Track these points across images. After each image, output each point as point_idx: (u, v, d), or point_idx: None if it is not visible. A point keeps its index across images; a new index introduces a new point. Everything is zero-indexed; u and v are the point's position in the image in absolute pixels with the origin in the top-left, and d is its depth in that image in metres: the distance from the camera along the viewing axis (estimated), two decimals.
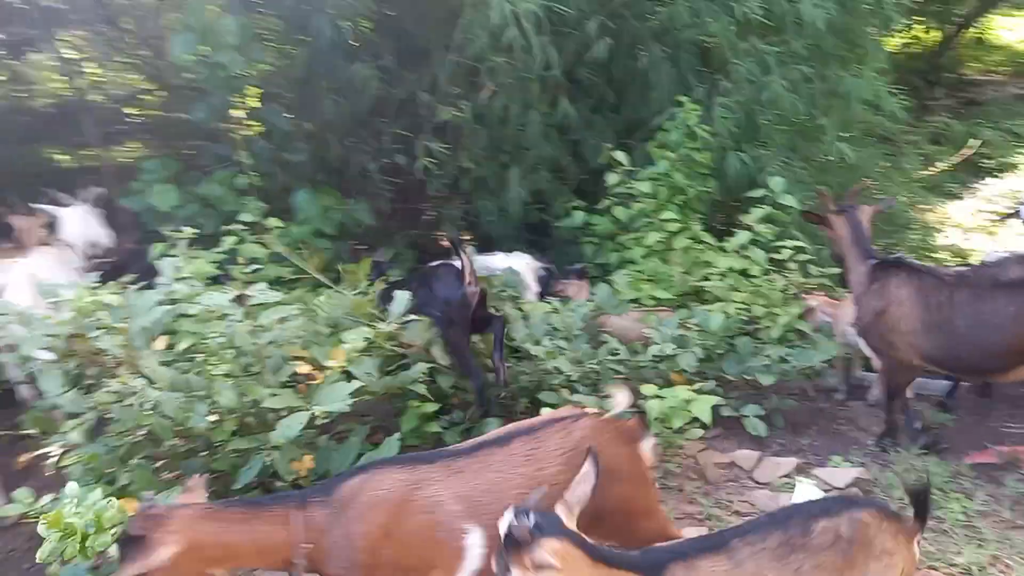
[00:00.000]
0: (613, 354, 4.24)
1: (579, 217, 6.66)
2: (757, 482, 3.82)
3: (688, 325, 4.52)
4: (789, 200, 5.55)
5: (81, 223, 5.67)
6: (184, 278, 3.90)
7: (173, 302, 3.71)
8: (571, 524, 1.97)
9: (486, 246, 7.91)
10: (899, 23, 7.26)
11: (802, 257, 5.30)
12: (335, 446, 3.77)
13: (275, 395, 3.26)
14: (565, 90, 7.19)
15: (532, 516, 1.91)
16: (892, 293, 3.85)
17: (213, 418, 3.33)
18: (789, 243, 5.31)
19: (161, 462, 3.24)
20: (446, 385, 4.05)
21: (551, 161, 7.44)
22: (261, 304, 3.51)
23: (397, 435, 3.73)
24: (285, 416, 3.24)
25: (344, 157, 7.46)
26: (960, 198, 10.75)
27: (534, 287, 5.48)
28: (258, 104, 7.16)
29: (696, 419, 3.74)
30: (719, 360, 4.51)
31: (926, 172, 9.03)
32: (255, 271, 4.45)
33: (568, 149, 7.61)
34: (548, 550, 1.86)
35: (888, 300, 3.86)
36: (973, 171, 10.57)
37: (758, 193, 5.69)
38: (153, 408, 3.04)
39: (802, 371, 4.50)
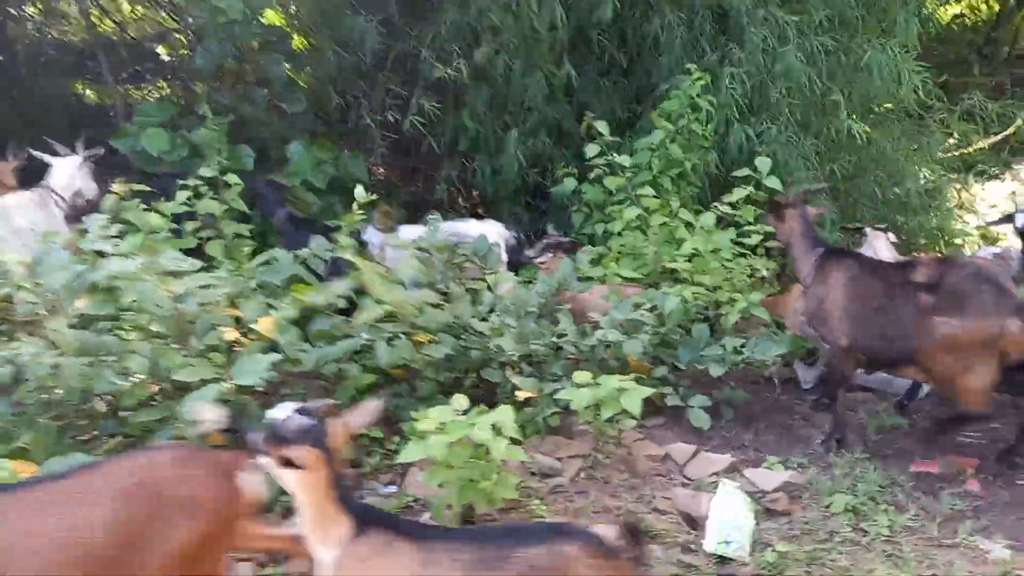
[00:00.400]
0: (561, 335, 4.15)
1: (570, 184, 6.49)
2: (687, 478, 3.72)
3: (644, 308, 4.39)
4: (774, 182, 5.31)
5: (69, 174, 5.78)
6: (110, 236, 3.88)
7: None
8: (335, 444, 2.11)
9: (482, 207, 7.86)
10: None
11: (773, 243, 5.11)
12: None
13: (190, 366, 3.25)
14: (572, 51, 6.98)
15: (306, 420, 2.08)
16: (832, 280, 3.99)
17: (134, 380, 3.36)
18: (758, 227, 5.13)
19: (78, 424, 3.29)
20: (391, 358, 3.98)
21: (554, 124, 7.25)
22: (178, 272, 3.47)
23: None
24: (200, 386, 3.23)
25: (344, 110, 7.41)
26: (1000, 179, 10.25)
27: (504, 256, 5.39)
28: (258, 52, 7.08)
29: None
30: (675, 345, 4.39)
31: (956, 153, 8.54)
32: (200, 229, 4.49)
33: (573, 113, 7.42)
34: (303, 454, 2.01)
35: (829, 287, 4.00)
36: (1020, 151, 10.02)
37: (742, 173, 5.45)
38: (55, 371, 3.06)
39: (760, 363, 4.34)
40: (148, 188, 4.68)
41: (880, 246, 4.98)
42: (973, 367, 3.51)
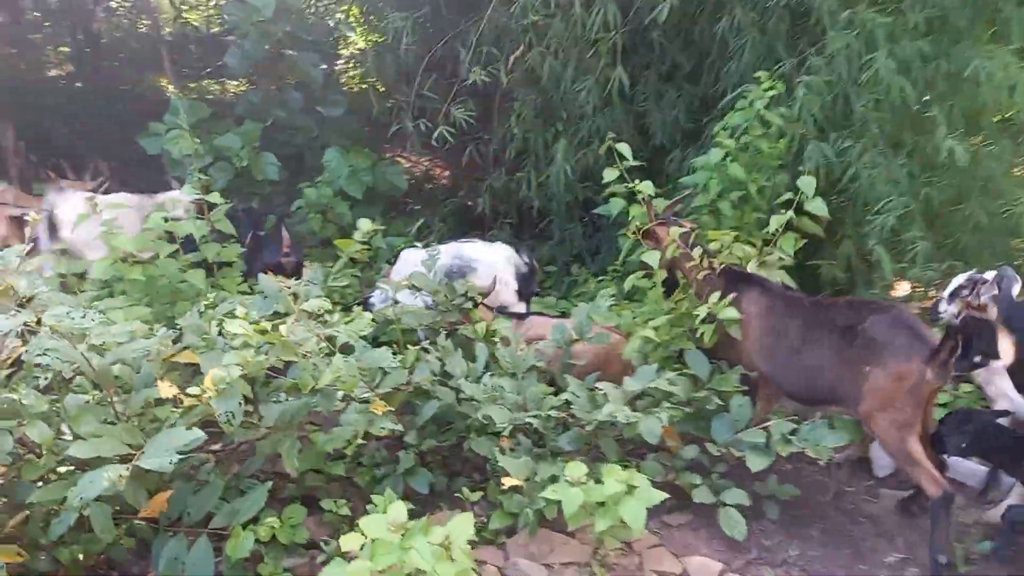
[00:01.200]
0: (563, 406, 3.27)
1: (616, 204, 5.52)
2: None
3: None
4: (819, 207, 4.24)
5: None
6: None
7: None
8: None
9: (526, 223, 7.01)
10: None
11: None
12: (216, 481, 3.11)
13: (96, 437, 2.57)
14: (631, 54, 6.04)
15: None
16: (743, 307, 3.69)
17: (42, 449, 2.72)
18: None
19: None
20: (356, 421, 3.19)
21: (608, 134, 6.32)
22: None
23: (268, 483, 3.02)
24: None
25: (387, 114, 6.69)
26: None
27: (512, 283, 4.54)
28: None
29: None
30: (711, 418, 3.43)
31: None
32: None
33: (632, 122, 6.47)
34: None
35: (750, 321, 3.67)
36: None
37: (783, 198, 4.39)
38: None
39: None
40: None
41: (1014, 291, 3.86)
42: (899, 415, 3.18)
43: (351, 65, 7.03)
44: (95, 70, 10.51)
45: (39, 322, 2.50)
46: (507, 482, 2.98)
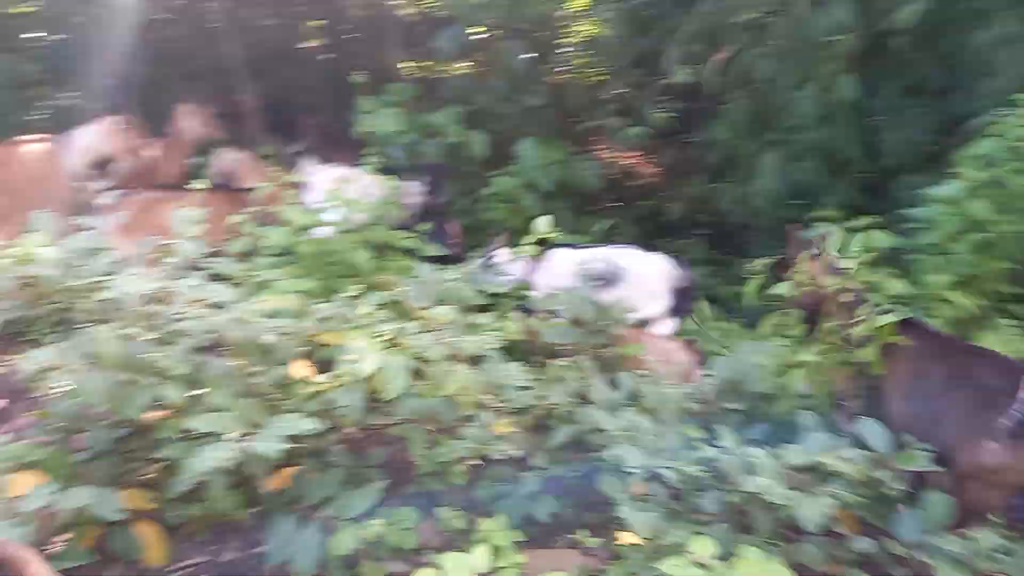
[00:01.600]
0: (710, 461, 2.80)
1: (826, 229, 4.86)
2: None
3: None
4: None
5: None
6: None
7: None
8: None
9: (723, 236, 6.42)
10: None
11: None
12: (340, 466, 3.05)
13: (217, 411, 2.56)
14: (868, 62, 5.29)
15: None
16: (900, 351, 3.09)
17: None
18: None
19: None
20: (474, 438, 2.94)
21: (830, 149, 5.61)
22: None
23: (380, 483, 2.89)
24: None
25: (587, 108, 6.40)
26: None
27: (663, 297, 4.07)
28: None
29: None
30: (893, 508, 2.81)
31: None
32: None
33: (860, 138, 5.69)
34: None
35: (896, 359, 3.10)
36: None
37: None
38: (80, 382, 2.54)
39: None
40: None
41: None
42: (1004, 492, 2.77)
43: (560, 55, 6.79)
44: (338, 45, 11.14)
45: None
46: (624, 538, 2.61)
